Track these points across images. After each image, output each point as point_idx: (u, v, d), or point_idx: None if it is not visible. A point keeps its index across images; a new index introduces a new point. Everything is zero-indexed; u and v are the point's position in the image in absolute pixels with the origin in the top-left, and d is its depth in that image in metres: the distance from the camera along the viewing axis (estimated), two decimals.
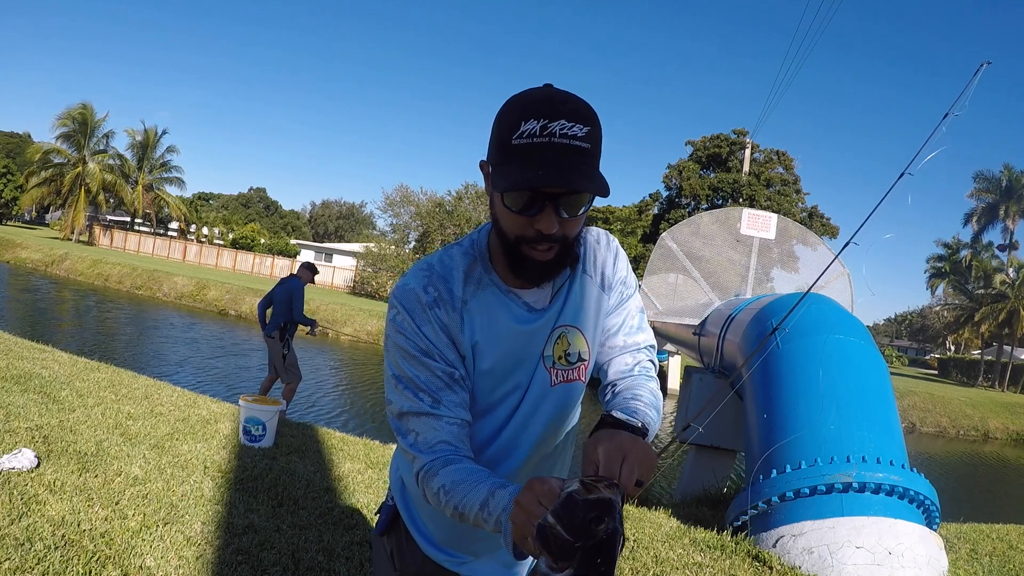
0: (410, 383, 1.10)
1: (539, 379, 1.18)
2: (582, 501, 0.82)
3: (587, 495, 0.83)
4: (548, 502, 0.83)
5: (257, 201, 77.42)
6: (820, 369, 4.42)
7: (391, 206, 35.96)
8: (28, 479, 3.18)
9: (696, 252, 10.06)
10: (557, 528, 0.81)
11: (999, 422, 23.72)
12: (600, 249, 1.24)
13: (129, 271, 27.08)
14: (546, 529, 0.82)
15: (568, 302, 1.19)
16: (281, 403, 5.11)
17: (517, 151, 0.99)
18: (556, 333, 1.18)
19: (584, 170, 0.98)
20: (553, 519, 0.82)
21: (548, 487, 0.84)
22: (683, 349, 11.63)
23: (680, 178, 37.89)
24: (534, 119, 0.97)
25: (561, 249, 1.07)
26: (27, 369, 5.52)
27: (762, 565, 3.70)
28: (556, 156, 0.97)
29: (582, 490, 0.84)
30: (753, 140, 34.56)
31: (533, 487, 0.86)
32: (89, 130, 41.48)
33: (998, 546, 4.92)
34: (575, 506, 0.82)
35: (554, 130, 0.97)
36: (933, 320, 59.36)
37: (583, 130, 0.98)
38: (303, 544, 3.16)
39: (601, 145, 1.03)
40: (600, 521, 0.81)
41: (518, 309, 1.16)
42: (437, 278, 1.14)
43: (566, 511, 0.82)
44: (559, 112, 0.98)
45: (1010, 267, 39.95)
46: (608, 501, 0.83)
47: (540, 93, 1.01)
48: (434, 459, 1.07)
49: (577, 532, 0.80)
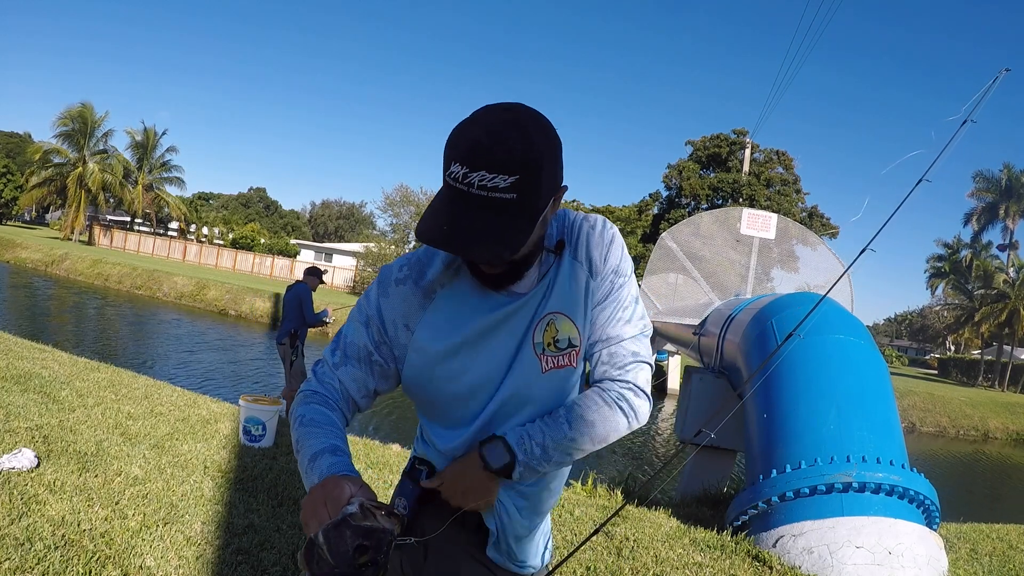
0: (341, 340, 1.23)
1: (529, 365, 1.18)
2: (353, 527, 0.83)
3: (361, 521, 0.83)
4: (331, 508, 0.84)
5: (257, 201, 77.42)
6: (820, 369, 4.42)
7: (391, 206, 36.00)
8: (28, 479, 3.18)
9: (696, 252, 10.06)
10: (323, 548, 0.82)
11: (999, 422, 23.72)
12: (594, 236, 1.23)
13: (129, 271, 27.08)
14: (313, 547, 0.83)
15: (554, 289, 1.20)
16: (281, 403, 5.11)
17: (444, 187, 1.02)
18: (544, 320, 1.19)
19: (489, 227, 0.98)
20: (323, 538, 0.83)
21: (337, 493, 0.86)
22: (683, 349, 11.63)
23: (680, 178, 37.90)
24: (458, 163, 0.98)
25: (514, 264, 1.12)
26: (27, 369, 5.52)
27: (762, 565, 3.70)
28: (464, 209, 0.99)
29: (358, 515, 0.84)
30: (753, 140, 34.55)
31: (326, 486, 0.89)
32: (89, 130, 41.49)
33: (998, 546, 4.92)
34: (345, 531, 0.82)
35: (473, 181, 0.97)
36: (933, 320, 59.38)
37: (507, 180, 0.97)
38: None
39: (538, 186, 1.00)
40: (364, 551, 0.82)
41: (496, 294, 1.18)
42: (415, 262, 1.22)
43: (335, 534, 0.82)
44: (481, 162, 0.96)
45: (1010, 267, 39.94)
46: (380, 531, 0.83)
47: (473, 132, 0.99)
48: (316, 391, 1.19)
49: (340, 558, 0.81)
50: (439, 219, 1.01)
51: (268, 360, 15.74)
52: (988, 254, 42.03)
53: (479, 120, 1.01)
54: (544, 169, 1.01)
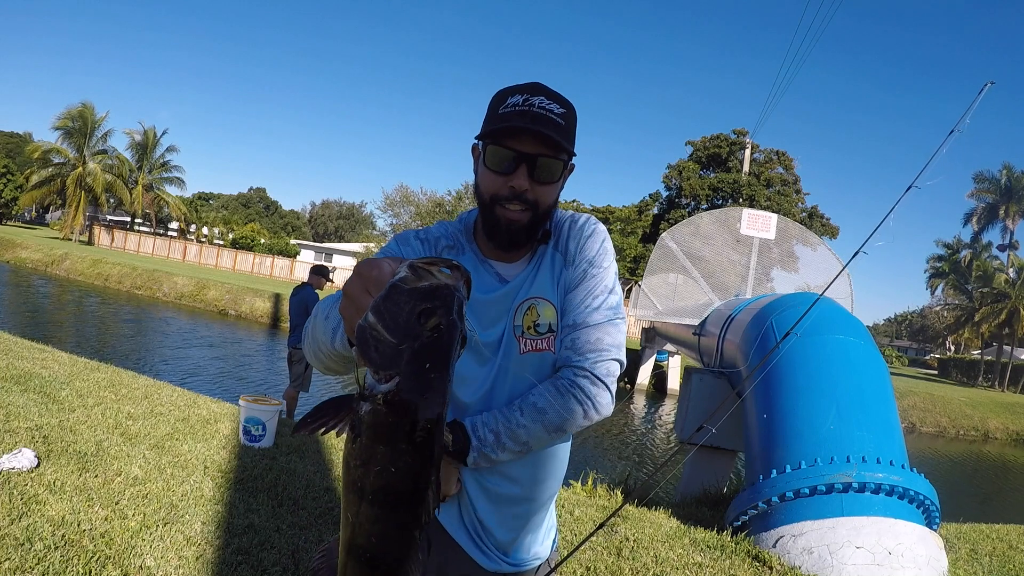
0: None
1: (509, 346, 1.24)
2: (408, 291, 0.66)
3: (416, 283, 0.67)
4: (376, 292, 0.70)
5: (257, 201, 77.41)
6: (820, 369, 4.42)
7: (391, 206, 35.95)
8: (28, 479, 3.18)
9: (696, 252, 10.06)
10: (378, 328, 0.66)
11: (999, 422, 23.71)
12: (574, 228, 1.31)
13: (129, 271, 27.07)
14: (365, 330, 0.67)
15: (538, 275, 1.28)
16: (281, 403, 5.11)
17: (502, 117, 1.16)
18: (526, 304, 1.25)
19: (556, 131, 1.15)
20: (374, 317, 0.66)
21: (378, 272, 0.73)
22: (683, 349, 11.63)
23: (680, 178, 37.90)
24: (519, 94, 1.17)
25: (533, 215, 1.19)
26: (27, 369, 5.52)
27: (762, 565, 3.70)
28: (534, 117, 1.14)
29: (410, 276, 0.67)
30: (753, 140, 34.55)
31: (361, 271, 0.76)
32: (89, 130, 41.47)
33: (998, 546, 4.93)
34: (399, 298, 0.66)
35: (534, 102, 1.15)
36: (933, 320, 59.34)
37: (560, 109, 1.17)
38: (303, 544, 3.16)
39: (575, 129, 1.21)
40: (430, 314, 0.66)
41: (488, 278, 1.27)
42: (429, 232, 1.32)
43: (388, 305, 0.66)
44: (540, 91, 1.17)
45: (1010, 267, 39.93)
46: (442, 288, 0.67)
47: (522, 84, 1.20)
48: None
49: (401, 331, 0.65)
50: (507, 122, 1.15)
51: (268, 360, 15.75)
52: (988, 254, 42.03)
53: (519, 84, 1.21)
54: (576, 120, 1.21)
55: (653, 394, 22.28)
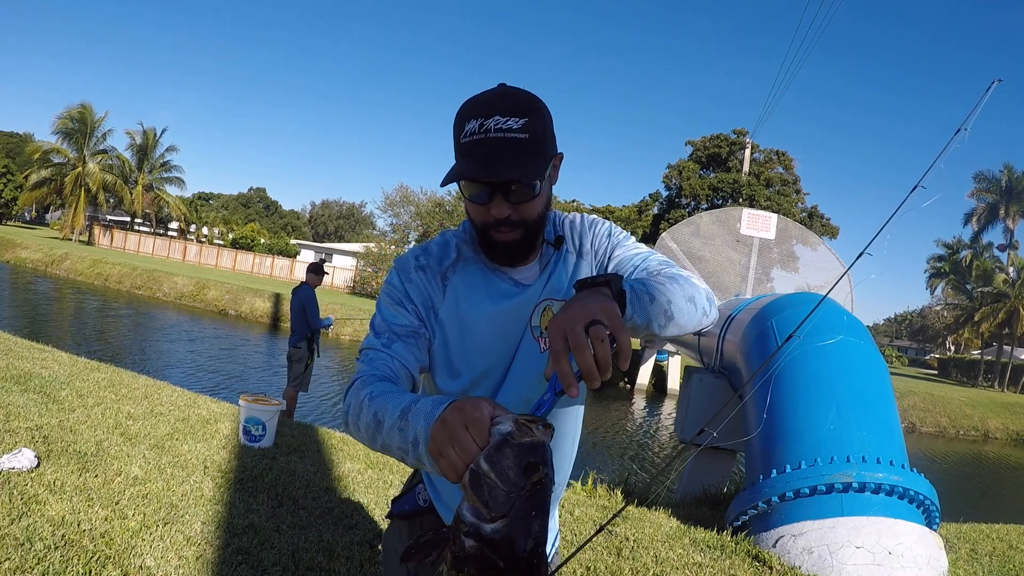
0: (380, 326, 1.22)
1: (528, 347, 1.26)
2: (516, 446, 0.76)
3: (521, 439, 0.77)
4: (476, 433, 0.77)
5: (257, 201, 77.42)
6: (820, 369, 4.41)
7: (391, 206, 35.94)
8: (28, 479, 3.18)
9: (696, 252, 10.05)
10: (491, 476, 0.75)
11: (999, 422, 23.72)
12: (576, 227, 1.37)
13: (129, 271, 27.07)
14: (480, 476, 0.76)
15: (553, 277, 1.30)
16: (281, 403, 5.11)
17: (462, 149, 1.13)
18: (542, 305, 1.28)
19: (511, 159, 1.10)
20: (487, 465, 0.75)
21: (479, 415, 0.79)
22: (683, 349, 11.62)
23: (680, 178, 37.90)
24: (473, 119, 1.11)
25: (524, 231, 1.19)
26: (27, 369, 5.52)
27: (762, 565, 3.70)
28: (489, 150, 1.09)
29: (516, 433, 0.77)
30: (753, 140, 34.53)
31: (464, 408, 0.81)
32: (89, 130, 41.47)
33: (998, 546, 4.93)
34: (508, 452, 0.76)
35: (489, 127, 1.09)
36: (933, 320, 59.37)
37: (518, 122, 1.10)
38: (303, 544, 3.16)
39: (544, 131, 1.13)
40: (534, 469, 0.76)
41: (504, 284, 1.27)
42: (429, 254, 1.29)
43: (499, 457, 0.76)
44: (494, 109, 1.10)
45: (1010, 267, 39.93)
46: (541, 446, 0.78)
47: (483, 95, 1.14)
48: (373, 373, 1.13)
49: (511, 482, 0.75)
50: (466, 162, 1.11)
51: (268, 360, 15.75)
52: (988, 254, 42.04)
53: (481, 93, 1.15)
54: (546, 118, 1.14)
55: (653, 394, 22.29)
